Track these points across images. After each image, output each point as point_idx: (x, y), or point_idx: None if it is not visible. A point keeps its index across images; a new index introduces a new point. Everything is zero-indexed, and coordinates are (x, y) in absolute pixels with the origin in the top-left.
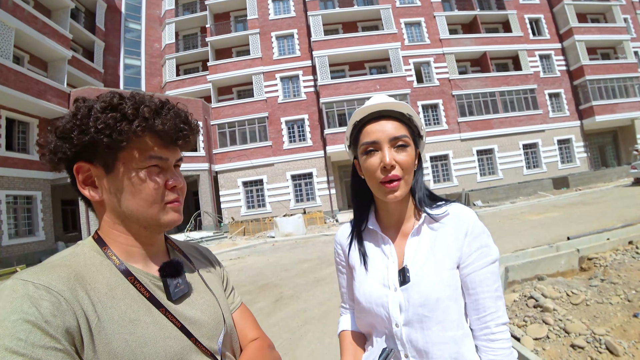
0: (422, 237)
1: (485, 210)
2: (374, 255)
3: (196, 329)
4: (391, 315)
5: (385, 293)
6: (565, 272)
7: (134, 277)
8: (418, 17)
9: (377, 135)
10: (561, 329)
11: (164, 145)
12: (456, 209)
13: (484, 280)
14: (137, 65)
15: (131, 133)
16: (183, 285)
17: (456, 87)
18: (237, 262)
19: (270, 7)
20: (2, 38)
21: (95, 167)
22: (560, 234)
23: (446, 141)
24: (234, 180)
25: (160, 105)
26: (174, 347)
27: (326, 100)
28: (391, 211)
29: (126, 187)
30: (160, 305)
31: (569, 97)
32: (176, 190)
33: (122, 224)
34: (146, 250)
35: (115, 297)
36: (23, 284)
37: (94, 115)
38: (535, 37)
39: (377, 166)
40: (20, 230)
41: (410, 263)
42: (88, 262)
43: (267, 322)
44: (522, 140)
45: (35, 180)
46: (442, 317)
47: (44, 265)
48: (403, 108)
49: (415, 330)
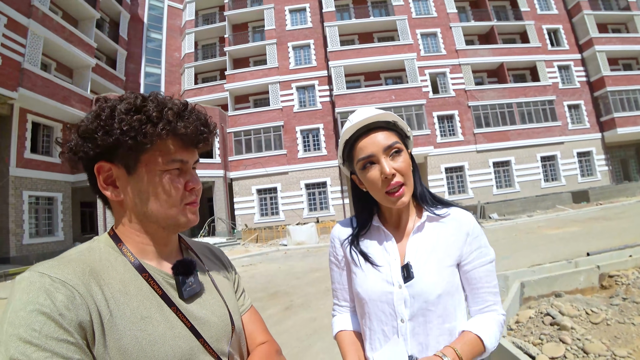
0: (423, 235)
1: (501, 223)
2: (375, 251)
3: (205, 330)
4: (397, 311)
5: (390, 290)
6: (584, 290)
7: (147, 274)
8: (434, 27)
9: (371, 149)
10: (579, 349)
11: (185, 148)
12: (457, 211)
13: (484, 277)
14: (158, 73)
15: (155, 136)
16: (195, 285)
17: (472, 98)
18: (249, 268)
19: (288, 18)
20: (31, 46)
21: (116, 167)
22: (580, 250)
23: (462, 152)
24: (248, 188)
25: (182, 108)
26: (183, 347)
27: (341, 110)
28: (394, 212)
29: (148, 188)
30: (172, 304)
31: (589, 108)
32: (194, 191)
33: (140, 223)
34: (160, 249)
35: (128, 293)
36: (40, 276)
37: (118, 116)
38: (553, 47)
39: (378, 178)
40: (41, 230)
41: (413, 259)
42: (103, 258)
43: (277, 329)
44: (540, 152)
45: (56, 182)
46: (443, 311)
47: (60, 258)
48: (388, 117)
49: (419, 324)
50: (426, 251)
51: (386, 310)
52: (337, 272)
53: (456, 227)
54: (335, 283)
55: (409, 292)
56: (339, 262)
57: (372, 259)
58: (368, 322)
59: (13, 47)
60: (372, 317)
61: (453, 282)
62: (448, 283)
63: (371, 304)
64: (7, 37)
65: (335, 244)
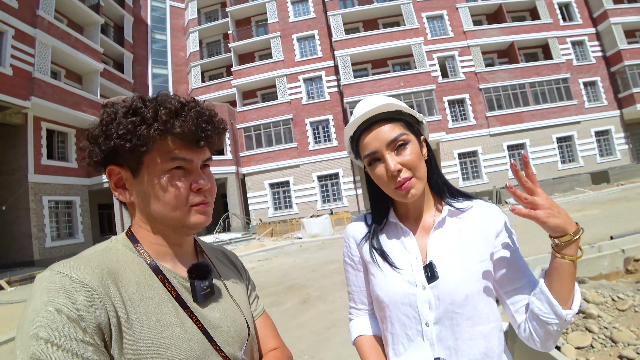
0: (445, 230)
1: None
2: (394, 250)
3: (217, 334)
4: (421, 314)
5: (413, 291)
6: (608, 275)
7: (163, 276)
8: (440, 9)
9: (373, 145)
10: (607, 338)
11: (187, 147)
12: (481, 203)
13: (521, 267)
14: (164, 74)
15: (150, 138)
16: (209, 289)
17: (483, 81)
18: (265, 263)
19: (290, 10)
20: (40, 55)
21: (124, 170)
22: (602, 233)
23: (474, 137)
24: (261, 183)
25: (180, 106)
26: (196, 351)
27: (350, 99)
28: (411, 206)
29: (150, 190)
30: (186, 307)
31: (606, 85)
32: (202, 192)
33: (149, 224)
34: (175, 251)
35: (144, 295)
36: (60, 276)
37: (117, 120)
38: (566, 22)
39: (384, 175)
40: (62, 232)
41: (436, 258)
42: (120, 258)
43: (294, 323)
44: (556, 133)
45: (74, 186)
46: (472, 312)
47: (79, 258)
48: (389, 107)
49: (445, 327)
50: (450, 248)
51: (409, 313)
52: (353, 274)
53: (481, 220)
54: (352, 285)
55: (434, 293)
56: (354, 263)
57: (392, 259)
58: (390, 326)
59: (22, 58)
60: (394, 321)
61: (482, 280)
62: (477, 282)
63: (392, 307)
64: (16, 48)
65: (350, 244)
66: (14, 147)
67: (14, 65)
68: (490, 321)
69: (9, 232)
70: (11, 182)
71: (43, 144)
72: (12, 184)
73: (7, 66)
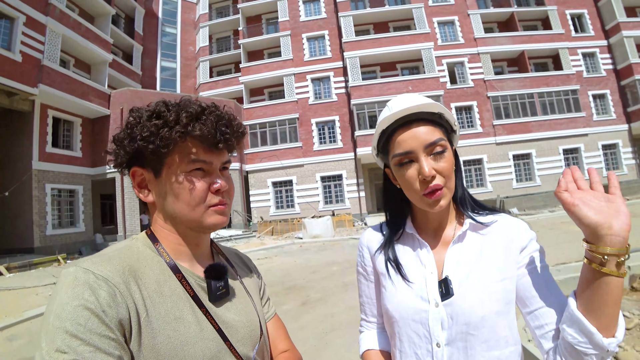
0: (465, 245)
1: (522, 218)
2: (408, 262)
3: (232, 333)
4: (432, 333)
5: (425, 308)
6: None
7: (181, 275)
8: (451, 15)
9: (410, 144)
10: (612, 358)
11: (207, 149)
12: (507, 218)
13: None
14: (173, 67)
15: (171, 139)
16: (225, 289)
17: (492, 88)
18: (265, 262)
19: (301, 9)
20: (50, 43)
21: (147, 171)
22: None
23: (480, 145)
24: (264, 180)
25: (200, 111)
26: (211, 349)
27: (357, 101)
28: (431, 217)
29: (170, 190)
30: (202, 306)
31: (615, 98)
32: (220, 193)
33: (170, 224)
34: (193, 251)
35: (163, 293)
36: (85, 273)
37: (141, 123)
38: (577, 34)
39: (415, 178)
40: (63, 221)
41: (452, 273)
42: (140, 257)
43: (294, 325)
44: (563, 144)
45: (77, 175)
46: (489, 335)
47: (101, 256)
48: (433, 107)
49: (458, 350)
50: (469, 264)
51: (420, 331)
52: (365, 284)
53: (506, 236)
54: (363, 296)
55: (447, 311)
56: (367, 274)
57: (405, 271)
58: (399, 343)
59: (32, 45)
60: (404, 338)
61: (505, 299)
62: (497, 301)
63: (402, 323)
64: (26, 34)
65: (363, 254)
66: (20, 134)
67: (24, 52)
68: (509, 345)
69: (11, 219)
70: (16, 169)
71: (49, 131)
72: (16, 170)
73: (17, 53)
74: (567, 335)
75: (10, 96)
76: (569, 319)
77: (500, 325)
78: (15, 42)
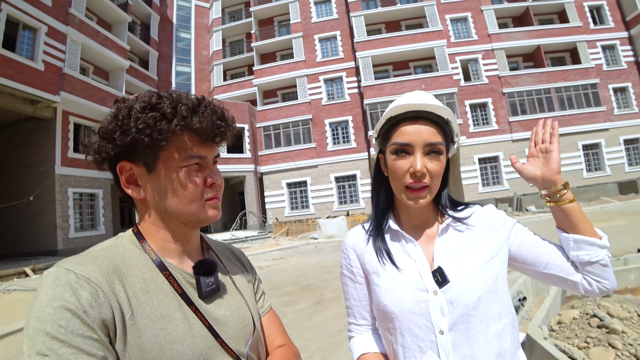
0: (450, 237)
1: (539, 216)
2: (398, 257)
3: (223, 330)
4: (433, 322)
5: (424, 298)
6: (635, 289)
7: (168, 272)
8: (464, 12)
9: (411, 137)
10: (632, 355)
11: (202, 143)
12: (479, 207)
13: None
14: (188, 72)
15: (170, 132)
16: (215, 285)
17: (507, 85)
18: (280, 262)
19: (313, 11)
20: (70, 52)
21: (137, 166)
22: (629, 245)
23: (496, 142)
24: (279, 182)
25: (197, 103)
26: (201, 346)
27: (370, 101)
28: (412, 213)
29: (167, 185)
30: (191, 303)
31: (637, 91)
32: (215, 187)
33: (161, 220)
34: (182, 247)
35: (149, 291)
36: (66, 273)
37: (134, 115)
38: (596, 26)
39: (405, 170)
40: (85, 224)
41: (444, 263)
42: (126, 255)
43: (308, 324)
44: (582, 140)
45: (97, 179)
46: (485, 313)
47: (85, 255)
48: (443, 112)
49: (460, 334)
50: (456, 252)
51: (420, 322)
52: (352, 287)
53: (483, 222)
54: (350, 299)
55: (446, 297)
56: (354, 275)
57: (398, 266)
58: (400, 339)
59: (54, 54)
60: (405, 332)
61: (494, 276)
62: (489, 280)
63: (402, 317)
64: (48, 44)
65: (349, 255)
66: (42, 140)
67: (46, 61)
68: (502, 317)
69: (35, 222)
70: (39, 174)
71: (70, 137)
72: (39, 175)
73: (40, 62)
74: (582, 257)
75: (34, 104)
76: (574, 244)
77: (493, 300)
78: (38, 51)
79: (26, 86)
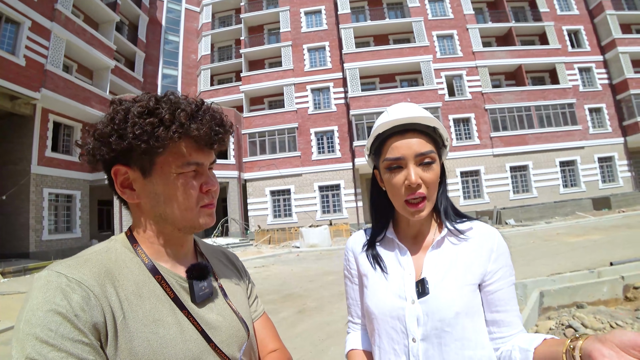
0: (443, 250)
1: (518, 229)
2: (388, 264)
3: (216, 334)
4: (408, 329)
5: (402, 305)
6: (607, 301)
7: (160, 276)
8: (450, 29)
9: (402, 151)
10: None
11: (200, 150)
12: (481, 226)
13: (511, 299)
14: (174, 75)
15: (168, 139)
16: (208, 289)
17: (489, 101)
18: (262, 270)
19: (303, 20)
20: (54, 48)
21: (132, 170)
22: (602, 259)
23: (478, 156)
24: (262, 189)
25: (195, 109)
26: (193, 351)
27: (356, 112)
28: (411, 224)
29: (163, 191)
30: (183, 307)
31: (611, 112)
32: (210, 193)
33: (156, 225)
34: (175, 251)
35: (142, 295)
36: (57, 276)
37: (131, 120)
38: (574, 49)
39: (401, 184)
40: (60, 226)
41: (429, 275)
42: (119, 259)
43: (290, 333)
44: (559, 157)
45: (75, 180)
46: (461, 334)
47: (77, 258)
48: (429, 121)
49: (433, 346)
50: (444, 267)
51: (397, 327)
52: (351, 287)
53: (479, 242)
54: (349, 298)
55: (423, 308)
56: (352, 277)
57: (385, 272)
58: (378, 339)
59: (36, 49)
60: (382, 334)
61: (474, 303)
62: (468, 302)
63: (381, 319)
64: (31, 39)
65: (349, 257)
66: (20, 137)
67: (28, 57)
68: (479, 349)
69: (9, 223)
70: (14, 172)
71: (49, 136)
72: (15, 174)
73: (21, 57)
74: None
75: (13, 100)
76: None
77: (471, 325)
78: (20, 46)
79: (6, 81)
